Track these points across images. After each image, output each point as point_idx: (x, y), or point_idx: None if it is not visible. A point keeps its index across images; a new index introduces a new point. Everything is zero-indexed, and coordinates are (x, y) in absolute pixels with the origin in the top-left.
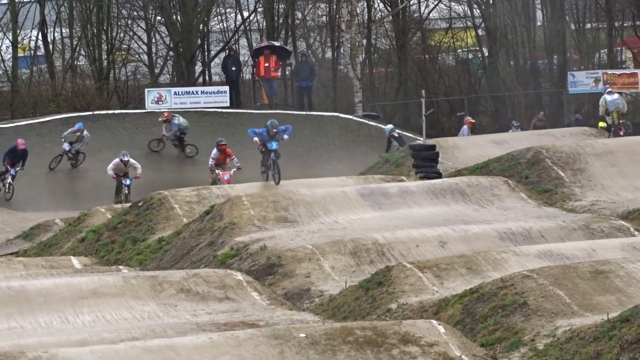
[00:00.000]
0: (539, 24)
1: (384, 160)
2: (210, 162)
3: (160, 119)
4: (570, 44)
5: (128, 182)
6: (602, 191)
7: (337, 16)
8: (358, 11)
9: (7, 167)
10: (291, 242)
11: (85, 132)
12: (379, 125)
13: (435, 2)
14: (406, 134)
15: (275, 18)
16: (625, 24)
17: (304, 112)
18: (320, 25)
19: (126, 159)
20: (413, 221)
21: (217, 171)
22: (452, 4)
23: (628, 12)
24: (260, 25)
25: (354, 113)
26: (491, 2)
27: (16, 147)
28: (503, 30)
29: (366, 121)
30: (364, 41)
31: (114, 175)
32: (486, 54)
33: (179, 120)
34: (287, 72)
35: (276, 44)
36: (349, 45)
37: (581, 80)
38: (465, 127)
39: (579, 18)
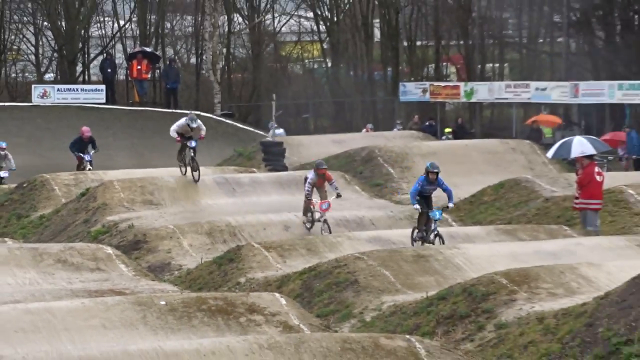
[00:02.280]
0: (376, 39)
1: (238, 154)
2: (307, 187)
3: None
4: (403, 58)
5: (193, 144)
6: None
7: (201, 27)
8: (219, 24)
9: (80, 156)
10: (155, 222)
11: (7, 153)
12: (235, 123)
13: (287, 18)
14: (257, 131)
15: (147, 27)
16: (450, 43)
17: (170, 110)
18: (187, 34)
19: (195, 125)
20: (261, 207)
21: (313, 200)
22: (301, 20)
23: (453, 32)
24: (134, 32)
25: (214, 112)
26: (335, 19)
27: (81, 137)
28: (345, 45)
29: (223, 119)
30: (224, 50)
31: (178, 138)
32: (329, 65)
33: None
34: (157, 75)
35: (147, 49)
36: (210, 53)
37: (411, 90)
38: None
39: (410, 36)
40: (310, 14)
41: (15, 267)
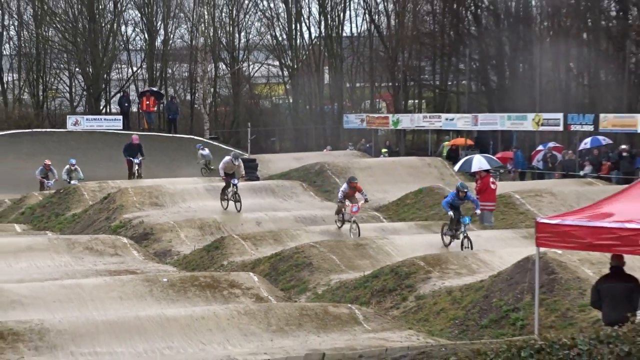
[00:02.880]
0: (326, 82)
1: None
2: (340, 195)
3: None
4: (346, 95)
5: (236, 181)
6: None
7: (195, 73)
8: (208, 70)
9: (129, 160)
10: (159, 219)
11: (77, 167)
12: (219, 144)
13: (259, 66)
14: (238, 151)
15: (154, 72)
16: (382, 84)
17: (171, 135)
18: (183, 78)
19: (237, 162)
20: (218, 207)
21: (346, 202)
22: (270, 67)
23: (384, 76)
24: (144, 76)
25: (203, 136)
26: (295, 67)
27: (132, 143)
28: (302, 86)
29: (211, 141)
30: (212, 89)
31: (224, 176)
32: (291, 100)
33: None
34: (161, 108)
35: (154, 89)
36: (201, 92)
37: (352, 120)
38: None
39: (352, 78)
40: (277, 63)
41: (53, 253)
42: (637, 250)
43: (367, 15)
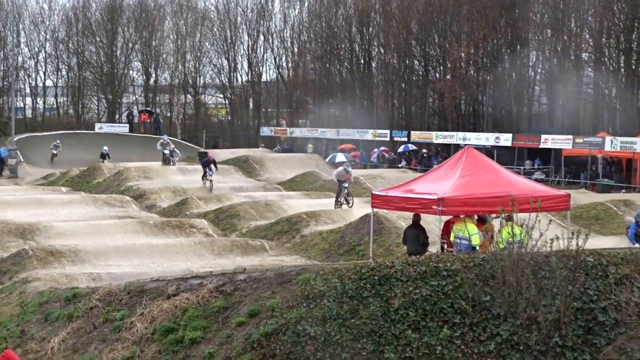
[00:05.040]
0: (251, 107)
1: (187, 157)
2: (336, 180)
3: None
4: (262, 115)
5: (346, 184)
6: (271, 174)
7: (172, 100)
8: (180, 99)
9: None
10: (149, 186)
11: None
12: (187, 142)
13: (210, 97)
14: (196, 147)
15: (148, 99)
16: (283, 110)
17: (157, 136)
18: (166, 102)
19: (349, 169)
20: (198, 181)
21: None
22: (217, 98)
23: (285, 105)
24: (142, 100)
25: (177, 137)
26: (232, 98)
27: (207, 157)
28: (238, 109)
29: (182, 141)
30: (182, 110)
31: (337, 182)
32: (229, 118)
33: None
34: (152, 120)
35: (148, 109)
36: (175, 112)
37: (266, 131)
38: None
39: (266, 106)
40: (222, 95)
41: (85, 205)
42: (430, 211)
43: (276, 69)
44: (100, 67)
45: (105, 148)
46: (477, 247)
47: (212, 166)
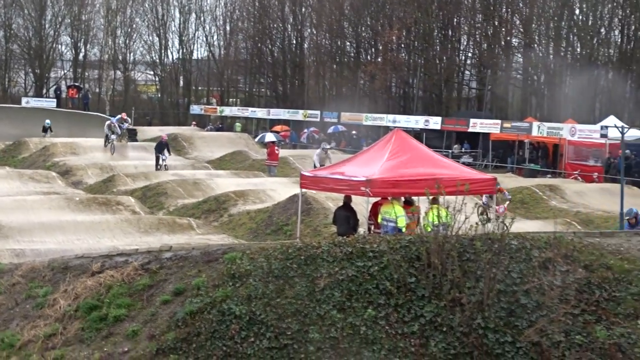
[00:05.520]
0: (181, 85)
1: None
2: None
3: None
4: (193, 93)
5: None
6: (200, 153)
7: (102, 76)
8: (109, 74)
9: (158, 155)
10: (76, 162)
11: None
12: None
13: (141, 74)
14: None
15: (77, 74)
16: (214, 89)
17: (85, 112)
18: (95, 78)
19: (328, 147)
20: (126, 158)
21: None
22: (148, 75)
23: (216, 83)
24: (71, 76)
25: (105, 113)
26: (163, 75)
27: (161, 141)
28: (168, 87)
29: (110, 118)
30: (112, 86)
31: (318, 166)
32: (159, 95)
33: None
34: (80, 96)
35: (76, 84)
36: (105, 87)
37: (196, 109)
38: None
39: (197, 84)
40: (152, 72)
41: (9, 179)
42: (358, 192)
43: (207, 47)
44: (28, 41)
45: (48, 121)
46: (403, 229)
47: (166, 151)
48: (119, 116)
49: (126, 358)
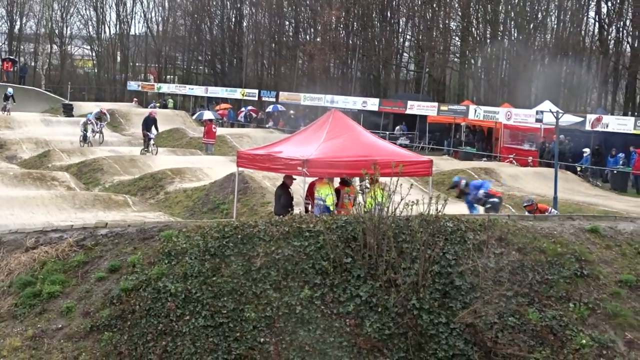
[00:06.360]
0: (118, 60)
1: (51, 108)
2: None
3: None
4: (130, 70)
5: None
6: (137, 129)
7: (38, 49)
8: (46, 48)
9: (146, 132)
10: (10, 136)
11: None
12: (51, 94)
13: (77, 48)
14: (61, 99)
15: (12, 47)
16: (152, 65)
17: (21, 86)
18: (31, 52)
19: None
20: (60, 133)
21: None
22: (84, 49)
23: (153, 60)
24: (5, 49)
25: (41, 88)
26: (100, 50)
27: (149, 116)
28: (106, 61)
29: (46, 92)
30: (47, 61)
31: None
32: (96, 71)
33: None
34: (15, 69)
35: (11, 57)
36: (41, 62)
37: (133, 86)
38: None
39: (134, 60)
40: (89, 47)
41: None
42: (295, 172)
43: (145, 23)
44: None
45: (10, 90)
46: (332, 208)
47: (154, 128)
48: (97, 110)
49: (60, 335)
